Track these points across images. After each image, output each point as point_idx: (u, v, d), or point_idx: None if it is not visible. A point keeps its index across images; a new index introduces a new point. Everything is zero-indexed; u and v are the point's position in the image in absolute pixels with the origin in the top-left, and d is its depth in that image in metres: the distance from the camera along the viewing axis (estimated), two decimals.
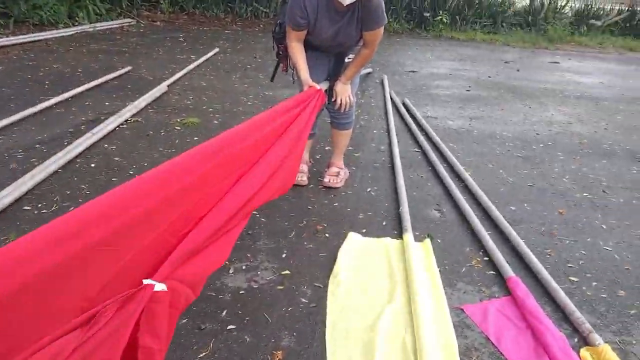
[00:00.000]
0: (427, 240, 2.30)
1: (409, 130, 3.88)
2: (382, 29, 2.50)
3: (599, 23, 9.62)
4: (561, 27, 9.38)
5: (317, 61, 2.65)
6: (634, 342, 1.76)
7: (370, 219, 2.51)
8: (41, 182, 2.68)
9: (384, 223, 2.48)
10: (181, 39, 7.20)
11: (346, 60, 2.65)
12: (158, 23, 8.50)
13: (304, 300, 1.86)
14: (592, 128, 4.23)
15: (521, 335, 1.75)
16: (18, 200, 2.47)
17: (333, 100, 2.64)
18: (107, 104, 4.04)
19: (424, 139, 3.65)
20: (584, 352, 1.67)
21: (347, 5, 2.28)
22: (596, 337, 1.69)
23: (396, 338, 1.69)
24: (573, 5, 10.16)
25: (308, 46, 2.61)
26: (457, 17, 9.35)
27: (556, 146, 3.73)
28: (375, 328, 1.71)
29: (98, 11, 7.89)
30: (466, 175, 3.03)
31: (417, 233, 2.36)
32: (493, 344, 1.70)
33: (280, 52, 2.77)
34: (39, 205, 2.46)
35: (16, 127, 3.46)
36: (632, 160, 3.54)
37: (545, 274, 2.05)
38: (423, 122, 4.04)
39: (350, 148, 3.34)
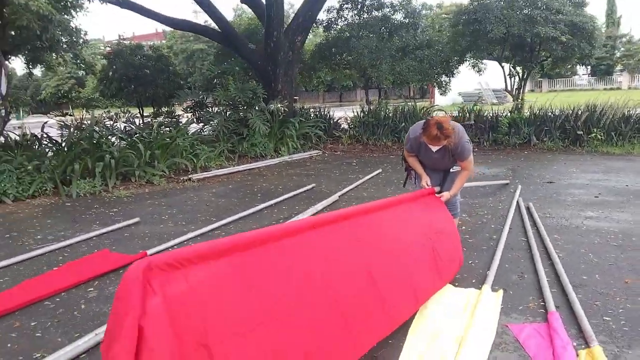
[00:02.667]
0: (501, 291, 3.24)
1: (524, 226, 4.76)
2: (470, 158, 3.69)
3: None
4: None
5: (432, 173, 3.93)
6: (631, 352, 2.48)
7: (464, 278, 3.53)
8: None
9: (473, 281, 3.48)
10: (354, 164, 9.06)
11: (452, 170, 3.88)
12: (338, 152, 10.64)
13: None
14: None
15: (543, 342, 2.61)
16: None
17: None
18: (297, 207, 5.78)
19: (533, 232, 4.51)
20: (581, 351, 2.47)
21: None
22: (595, 344, 2.48)
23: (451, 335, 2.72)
24: None
25: (424, 165, 3.94)
26: (613, 133, 9.71)
27: None
28: (440, 333, 2.77)
29: (295, 146, 10.34)
30: (555, 255, 3.84)
31: (496, 287, 3.32)
32: (519, 343, 2.60)
33: (407, 167, 4.14)
34: None
35: (241, 221, 5.32)
36: None
37: (581, 312, 2.85)
38: (537, 219, 4.88)
39: (466, 236, 4.41)
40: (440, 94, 14.02)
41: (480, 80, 25.43)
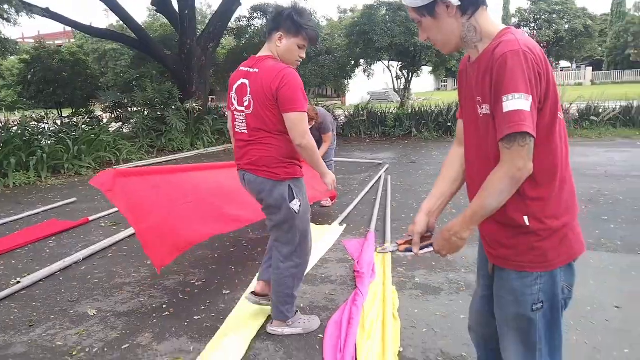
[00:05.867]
0: (344, 225, 4.86)
1: (377, 190, 6.47)
2: (329, 134, 5.37)
3: (597, 119, 11.62)
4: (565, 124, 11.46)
5: None
6: None
7: (325, 220, 5.11)
8: None
9: (329, 221, 5.07)
10: None
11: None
12: None
13: None
14: None
15: (358, 246, 4.22)
16: None
17: None
18: None
19: (382, 193, 6.22)
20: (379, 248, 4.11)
21: None
22: (386, 246, 4.14)
23: None
24: (578, 105, 12.31)
25: None
26: None
27: None
28: None
29: (210, 140, 11.62)
30: (389, 205, 5.54)
31: (343, 224, 4.93)
32: (345, 248, 4.20)
33: None
34: None
35: None
36: None
37: (389, 232, 4.51)
38: (389, 185, 6.62)
39: (337, 199, 6.02)
40: (338, 96, 15.76)
41: (387, 81, 27.88)
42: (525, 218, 1.41)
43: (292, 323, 2.75)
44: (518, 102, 1.30)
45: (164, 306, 3.20)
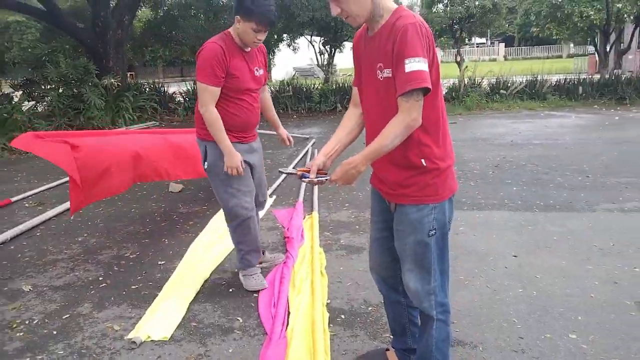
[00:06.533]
0: (274, 196, 5.07)
1: (305, 161, 6.72)
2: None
3: (506, 92, 12.54)
4: (477, 97, 12.26)
5: None
6: (335, 214, 4.45)
7: None
8: None
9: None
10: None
11: None
12: (175, 123, 11.84)
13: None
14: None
15: (287, 214, 4.46)
16: None
17: None
18: None
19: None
20: (307, 216, 4.37)
21: None
22: (315, 212, 4.40)
23: None
24: (489, 80, 13.19)
25: None
26: None
27: None
28: None
29: (132, 117, 11.29)
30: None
31: (273, 195, 5.13)
32: (275, 216, 4.42)
33: None
34: None
35: None
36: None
37: (316, 200, 4.78)
38: (314, 156, 6.86)
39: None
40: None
41: (311, 57, 28.05)
42: (423, 160, 1.76)
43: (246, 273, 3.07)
44: (419, 64, 1.59)
45: (100, 278, 3.27)
